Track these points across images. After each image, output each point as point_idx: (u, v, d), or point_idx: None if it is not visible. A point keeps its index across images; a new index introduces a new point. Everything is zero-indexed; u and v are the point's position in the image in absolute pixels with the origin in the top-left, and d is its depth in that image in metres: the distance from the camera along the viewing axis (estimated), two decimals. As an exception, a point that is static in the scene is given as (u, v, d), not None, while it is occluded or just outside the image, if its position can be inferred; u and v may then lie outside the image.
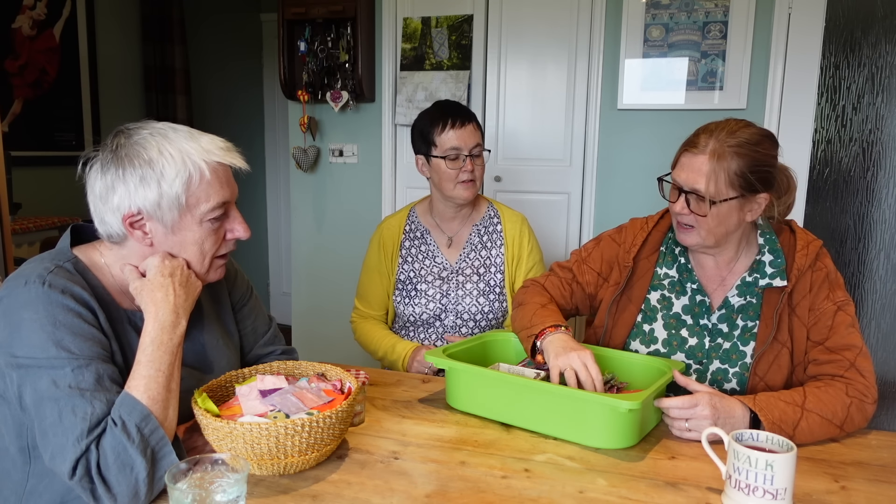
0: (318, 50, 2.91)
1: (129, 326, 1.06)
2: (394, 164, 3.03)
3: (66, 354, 0.92)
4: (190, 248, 1.04)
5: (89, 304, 0.98)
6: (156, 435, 0.92)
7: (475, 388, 1.25)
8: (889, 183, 2.62)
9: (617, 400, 1.08)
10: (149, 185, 0.98)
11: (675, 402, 1.14)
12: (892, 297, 2.66)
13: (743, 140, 1.22)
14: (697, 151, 1.24)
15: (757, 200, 1.27)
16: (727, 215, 1.25)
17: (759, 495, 0.91)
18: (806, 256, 1.28)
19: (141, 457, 0.90)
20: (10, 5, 2.95)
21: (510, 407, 1.21)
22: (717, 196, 1.22)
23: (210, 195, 1.01)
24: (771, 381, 1.28)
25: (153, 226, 1.01)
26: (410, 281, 1.82)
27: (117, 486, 0.89)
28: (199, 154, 1.01)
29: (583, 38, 2.66)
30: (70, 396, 0.90)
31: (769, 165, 1.25)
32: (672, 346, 1.38)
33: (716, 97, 2.51)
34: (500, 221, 1.85)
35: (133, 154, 0.98)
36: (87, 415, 0.90)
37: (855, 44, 2.59)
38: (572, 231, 2.81)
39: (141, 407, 0.93)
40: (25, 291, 0.94)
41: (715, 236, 1.28)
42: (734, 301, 1.33)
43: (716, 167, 1.21)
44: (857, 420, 1.18)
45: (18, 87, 3.02)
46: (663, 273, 1.42)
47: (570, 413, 1.14)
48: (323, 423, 0.98)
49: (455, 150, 1.72)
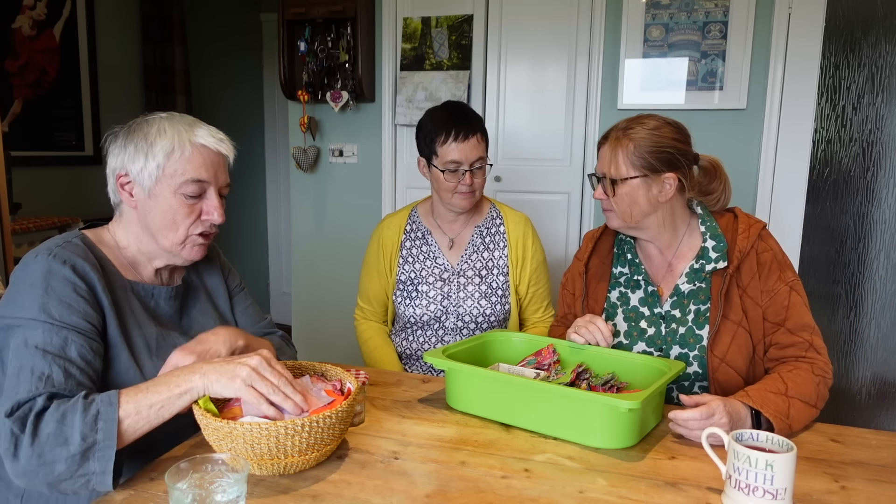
0: (318, 50, 2.91)
1: (132, 294, 1.15)
2: (394, 165, 3.03)
3: (45, 317, 0.98)
4: (162, 214, 1.13)
5: (88, 276, 1.05)
6: (106, 431, 0.91)
7: (475, 389, 1.25)
8: (889, 183, 2.62)
9: (617, 400, 1.08)
10: (138, 154, 1.12)
11: (691, 415, 1.13)
12: (892, 297, 2.66)
13: (639, 127, 1.36)
14: (603, 142, 1.40)
15: (663, 180, 1.36)
16: (634, 194, 1.36)
17: (759, 495, 0.91)
18: (748, 238, 1.36)
19: (80, 438, 0.89)
20: (10, 5, 2.95)
21: (510, 407, 1.21)
22: (618, 175, 1.36)
23: (187, 169, 1.12)
24: (731, 361, 1.33)
25: (137, 190, 1.14)
26: (411, 282, 1.82)
27: (42, 446, 0.88)
28: (189, 135, 1.13)
29: (583, 38, 2.66)
30: (33, 355, 0.95)
31: (670, 147, 1.35)
32: (633, 337, 1.44)
33: (716, 97, 2.52)
34: (502, 223, 1.84)
35: (137, 129, 1.14)
36: (42, 375, 0.93)
37: (855, 44, 2.59)
38: (572, 231, 2.81)
39: (114, 404, 0.93)
40: (34, 262, 1.03)
41: (631, 216, 1.38)
42: (684, 288, 1.40)
43: (614, 152, 1.36)
44: (824, 395, 1.26)
45: (18, 87, 3.02)
46: (619, 272, 1.51)
47: (570, 413, 1.14)
48: (323, 423, 0.98)
49: (455, 163, 1.69)
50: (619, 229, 1.45)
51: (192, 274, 1.31)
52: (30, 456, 0.88)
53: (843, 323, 2.74)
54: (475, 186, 1.74)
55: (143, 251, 1.18)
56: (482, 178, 1.76)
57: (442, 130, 1.70)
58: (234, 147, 1.20)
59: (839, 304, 2.73)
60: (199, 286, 1.32)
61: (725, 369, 1.32)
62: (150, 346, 1.12)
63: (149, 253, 1.18)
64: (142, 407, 0.95)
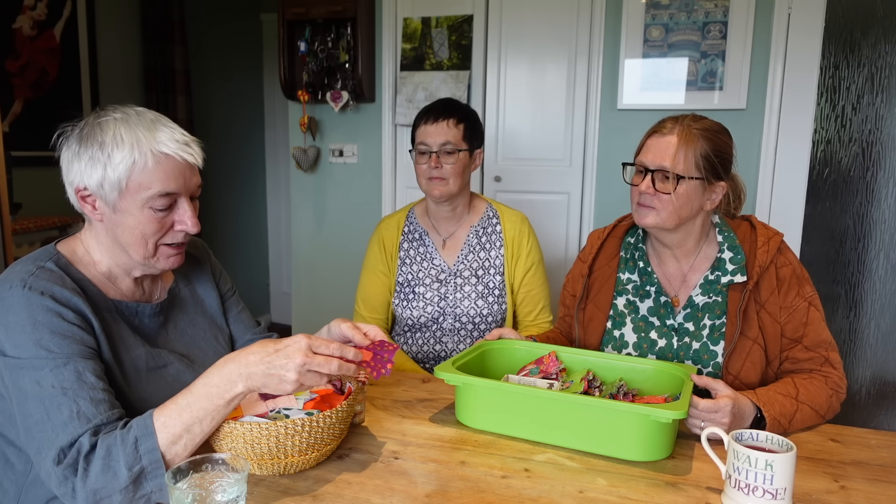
0: (318, 50, 2.91)
1: (118, 316, 1.08)
2: (394, 164, 3.03)
3: (45, 353, 0.94)
4: (129, 230, 1.06)
5: (70, 302, 0.99)
6: (151, 456, 0.90)
7: (494, 405, 1.16)
8: (889, 183, 2.62)
9: (661, 410, 1.02)
10: (95, 166, 1.02)
11: (702, 404, 1.11)
12: (892, 297, 2.66)
13: (707, 126, 1.30)
14: (666, 132, 1.30)
15: (716, 189, 1.32)
16: (691, 196, 1.29)
17: (758, 495, 0.91)
18: (767, 252, 1.31)
19: (126, 469, 0.89)
20: (10, 5, 2.95)
21: (535, 423, 1.12)
22: (686, 172, 1.28)
23: (153, 183, 1.03)
24: (745, 378, 1.30)
25: (100, 203, 1.05)
26: (409, 284, 1.81)
27: (94, 484, 0.88)
28: (150, 143, 1.03)
29: (583, 38, 2.66)
30: (53, 395, 0.92)
31: (729, 154, 1.32)
32: (643, 349, 1.39)
33: (715, 97, 2.52)
34: (499, 222, 1.82)
35: (91, 135, 1.03)
36: (72, 412, 0.91)
37: (855, 44, 2.59)
38: (572, 231, 2.81)
39: (150, 426, 0.92)
40: (9, 295, 0.97)
41: (678, 217, 1.30)
42: (698, 300, 1.35)
43: (684, 147, 1.28)
44: (835, 408, 1.26)
45: (19, 87, 3.02)
46: (626, 278, 1.45)
47: (604, 425, 1.07)
48: (323, 423, 0.98)
49: (423, 145, 1.73)
50: (652, 227, 1.34)
51: (180, 282, 1.25)
52: (86, 497, 0.88)
53: (842, 323, 2.74)
54: (445, 173, 1.71)
55: (119, 264, 1.10)
56: (454, 164, 1.71)
57: (420, 117, 1.76)
58: (202, 148, 1.10)
59: (839, 304, 2.73)
60: (188, 295, 1.25)
61: (738, 386, 1.28)
62: (138, 368, 1.08)
63: (124, 265, 1.10)
64: (181, 425, 0.93)
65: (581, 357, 1.33)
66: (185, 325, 1.21)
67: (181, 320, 1.21)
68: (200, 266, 1.30)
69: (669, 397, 1.20)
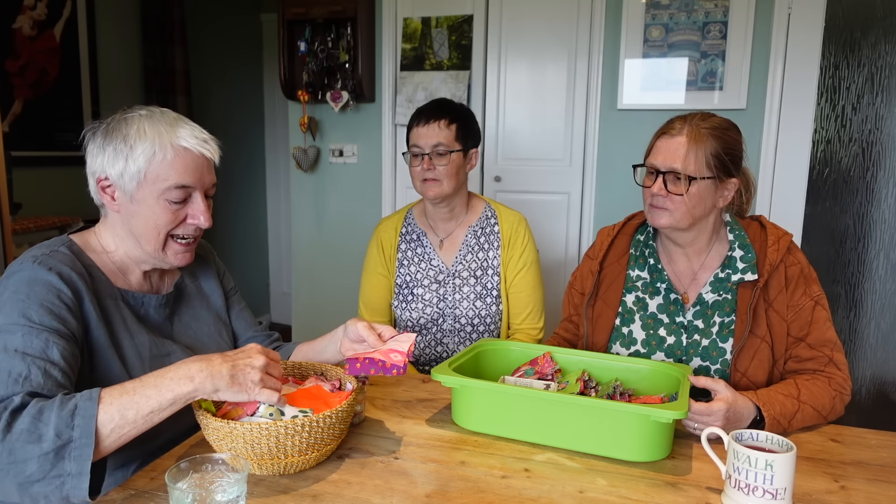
0: (318, 50, 2.91)
1: (123, 303, 1.12)
2: (394, 165, 3.03)
3: (24, 321, 0.95)
4: (144, 220, 1.10)
5: (75, 284, 1.02)
6: (84, 427, 0.86)
7: (492, 407, 1.15)
8: (889, 183, 2.62)
9: (660, 410, 1.02)
10: (118, 158, 1.07)
11: (695, 407, 1.11)
12: (892, 297, 2.66)
13: (716, 124, 1.30)
14: (675, 133, 1.30)
15: (728, 186, 1.32)
16: (703, 196, 1.30)
17: (758, 495, 0.91)
18: (777, 251, 1.32)
19: (54, 435, 0.84)
20: (10, 5, 2.95)
21: (534, 424, 1.12)
22: (697, 173, 1.28)
23: (170, 175, 1.07)
24: (753, 376, 1.30)
25: (119, 194, 1.10)
26: (407, 285, 1.80)
27: (13, 443, 0.83)
28: (171, 137, 1.08)
29: (583, 38, 2.66)
30: (12, 358, 0.92)
31: (739, 150, 1.33)
32: (651, 346, 1.39)
33: (715, 97, 2.52)
34: (497, 222, 1.80)
35: (116, 129, 1.08)
36: (20, 375, 0.91)
37: (854, 44, 2.59)
38: (572, 231, 2.81)
39: (94, 399, 0.88)
40: (19, 270, 1.01)
41: (691, 217, 1.31)
42: (708, 297, 1.36)
43: (694, 147, 1.28)
44: (838, 410, 1.25)
45: (19, 87, 3.02)
46: (635, 275, 1.45)
47: (604, 426, 1.06)
48: (323, 423, 0.98)
49: (416, 147, 1.73)
50: (665, 227, 1.34)
51: (186, 277, 1.28)
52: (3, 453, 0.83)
53: (843, 323, 2.74)
54: (439, 174, 1.70)
55: (130, 255, 1.14)
56: (447, 165, 1.70)
57: (412, 119, 1.76)
58: (220, 146, 1.14)
59: (839, 304, 2.73)
60: (193, 290, 1.28)
61: (745, 384, 1.30)
62: (142, 355, 1.09)
63: (136, 257, 1.14)
64: (127, 409, 0.89)
65: (576, 357, 1.33)
66: (190, 318, 1.25)
67: (186, 314, 1.25)
68: (206, 264, 1.34)
69: (665, 397, 1.20)
